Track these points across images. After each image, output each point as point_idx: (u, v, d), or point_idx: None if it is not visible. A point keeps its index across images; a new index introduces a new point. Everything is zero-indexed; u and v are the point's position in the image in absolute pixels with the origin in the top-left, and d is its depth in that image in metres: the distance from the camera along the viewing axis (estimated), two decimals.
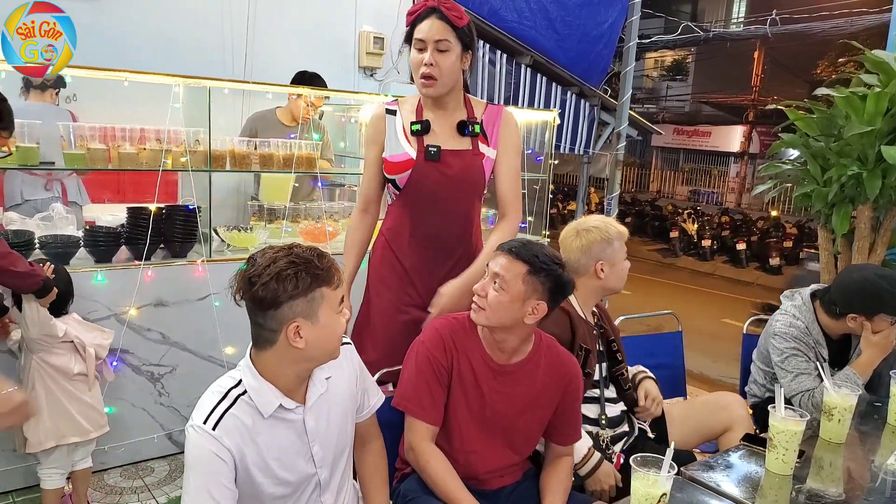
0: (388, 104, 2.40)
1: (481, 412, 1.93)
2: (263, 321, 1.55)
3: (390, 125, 2.35)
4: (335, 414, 1.72)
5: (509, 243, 1.92)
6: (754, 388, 2.85)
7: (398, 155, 2.31)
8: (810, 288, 2.72)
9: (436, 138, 2.31)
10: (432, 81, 2.22)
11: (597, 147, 8.24)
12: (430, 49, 2.18)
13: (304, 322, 1.54)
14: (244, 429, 1.56)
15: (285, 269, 1.50)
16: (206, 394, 1.59)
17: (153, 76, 3.22)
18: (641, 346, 2.97)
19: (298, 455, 1.65)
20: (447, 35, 2.19)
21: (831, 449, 2.11)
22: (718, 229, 13.88)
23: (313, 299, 1.54)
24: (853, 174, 3.01)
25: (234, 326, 3.33)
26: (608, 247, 2.29)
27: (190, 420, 1.55)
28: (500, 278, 1.85)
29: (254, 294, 1.51)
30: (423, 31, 2.19)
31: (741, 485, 1.86)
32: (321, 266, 1.55)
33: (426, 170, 2.28)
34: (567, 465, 2.03)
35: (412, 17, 2.23)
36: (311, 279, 1.52)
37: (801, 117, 3.30)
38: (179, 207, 3.31)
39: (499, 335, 1.90)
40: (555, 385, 1.96)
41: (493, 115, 2.38)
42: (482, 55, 6.60)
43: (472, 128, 2.33)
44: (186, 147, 3.23)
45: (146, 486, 3.09)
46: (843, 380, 2.38)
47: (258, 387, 1.58)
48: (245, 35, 4.73)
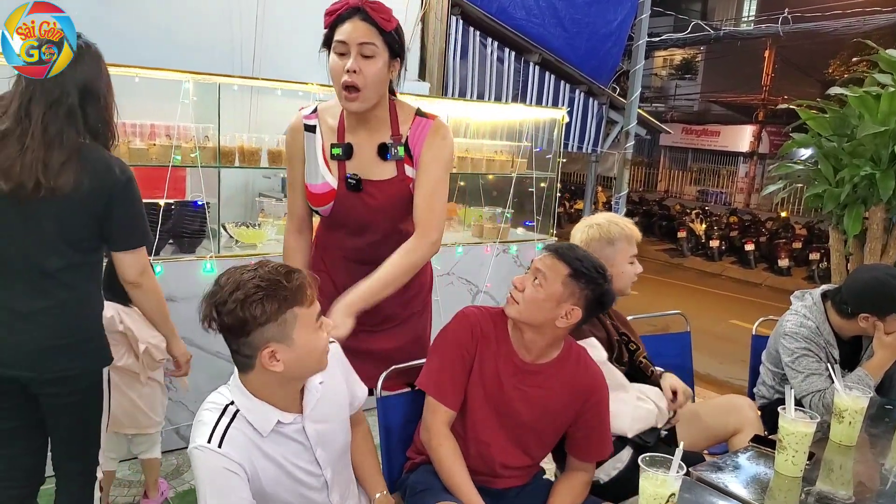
0: (306, 118, 2.11)
1: (498, 406, 1.92)
2: (237, 347, 1.50)
3: (309, 143, 2.09)
4: (333, 415, 1.71)
5: (557, 244, 1.91)
6: (763, 389, 2.84)
7: (318, 185, 2.07)
8: (821, 288, 2.70)
9: (358, 164, 2.06)
10: (356, 94, 1.93)
11: (605, 146, 8.23)
12: (353, 53, 1.90)
13: (279, 345, 1.48)
14: (249, 442, 1.54)
15: (252, 294, 1.43)
16: (202, 412, 1.55)
17: (163, 72, 3.22)
18: (649, 346, 2.92)
19: (304, 461, 1.65)
20: (373, 38, 1.91)
21: (841, 451, 2.09)
22: (727, 230, 13.82)
23: (285, 322, 1.47)
24: (866, 174, 2.99)
25: None
26: (607, 246, 2.26)
27: (192, 443, 1.51)
28: (541, 275, 1.84)
29: (221, 323, 1.46)
30: (345, 32, 1.90)
31: (750, 486, 1.85)
32: (289, 286, 1.47)
33: (349, 201, 2.06)
34: (583, 479, 2.00)
35: (332, 17, 1.94)
36: (278, 303, 1.45)
37: (814, 117, 3.28)
38: (188, 203, 3.32)
39: (527, 334, 1.89)
40: (575, 395, 1.94)
41: (420, 131, 2.07)
42: (490, 52, 6.60)
43: (396, 151, 2.05)
44: (196, 143, 3.24)
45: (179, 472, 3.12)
46: (855, 381, 2.36)
47: (252, 406, 1.55)
48: (254, 31, 4.73)
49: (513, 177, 4.54)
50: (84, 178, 1.84)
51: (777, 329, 2.73)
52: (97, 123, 1.92)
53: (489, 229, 4.50)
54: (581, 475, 2.00)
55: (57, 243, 1.89)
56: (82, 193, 1.85)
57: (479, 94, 6.55)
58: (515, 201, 4.62)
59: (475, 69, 6.52)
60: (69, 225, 1.88)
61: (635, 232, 2.32)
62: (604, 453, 2.03)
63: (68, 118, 1.85)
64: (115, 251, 1.98)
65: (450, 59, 6.26)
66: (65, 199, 1.84)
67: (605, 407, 2.00)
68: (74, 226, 1.89)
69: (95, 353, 2.03)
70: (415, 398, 2.06)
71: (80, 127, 1.88)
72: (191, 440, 1.52)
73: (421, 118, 2.10)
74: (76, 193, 1.84)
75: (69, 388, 1.97)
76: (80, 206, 1.87)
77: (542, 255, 1.90)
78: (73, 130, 1.86)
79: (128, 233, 1.97)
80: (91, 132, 1.91)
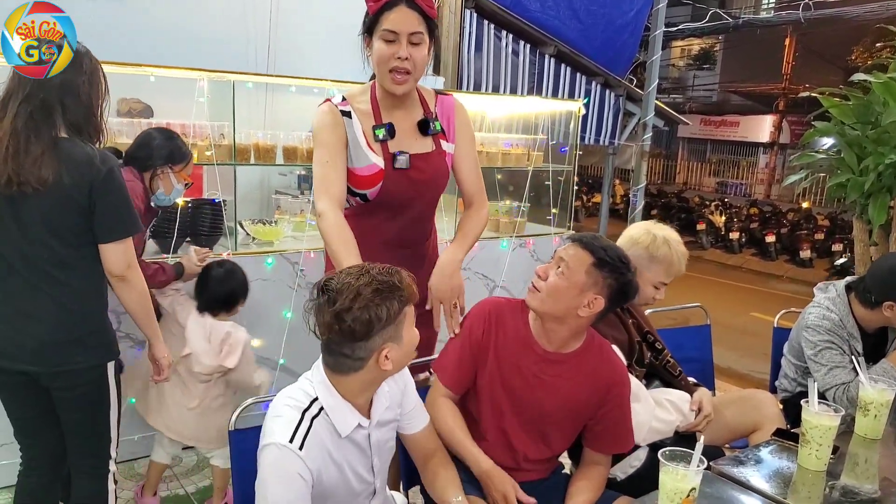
0: (340, 105, 2.13)
1: (517, 392, 1.92)
2: (351, 351, 1.52)
3: (349, 128, 2.12)
4: (391, 425, 1.74)
5: (581, 234, 1.91)
6: (785, 382, 2.80)
7: (366, 168, 2.11)
8: (845, 280, 2.66)
9: (401, 143, 2.14)
10: (406, 77, 2.03)
11: (622, 138, 8.17)
12: (403, 42, 1.99)
13: (393, 345, 1.54)
14: (324, 448, 1.55)
15: (373, 298, 1.48)
16: (281, 408, 1.56)
17: (178, 70, 3.23)
18: (669, 339, 2.90)
19: (362, 468, 1.66)
20: (420, 27, 2.00)
21: (866, 445, 2.06)
22: (747, 221, 13.68)
23: (399, 322, 1.54)
24: (891, 163, 2.93)
25: (259, 319, 3.34)
26: (646, 259, 2.23)
27: (269, 436, 1.51)
28: (564, 264, 1.84)
29: (344, 329, 1.48)
30: (396, 22, 1.97)
31: (772, 480, 1.82)
32: (403, 286, 1.54)
33: (397, 179, 2.12)
34: (600, 474, 1.99)
35: (378, 3, 1.99)
36: (398, 303, 1.52)
37: (837, 104, 3.22)
38: (205, 201, 3.33)
39: (549, 324, 1.89)
40: (595, 388, 1.93)
41: (447, 108, 2.24)
42: (505, 45, 6.56)
43: (434, 126, 2.18)
44: (211, 141, 3.24)
45: (175, 476, 3.12)
46: (880, 374, 2.32)
47: (338, 406, 1.57)
48: (268, 28, 4.74)
49: (529, 170, 4.51)
50: (63, 171, 1.86)
51: (799, 322, 2.69)
52: (78, 119, 1.93)
53: (505, 223, 4.47)
54: (598, 469, 1.99)
55: (46, 238, 1.91)
56: (64, 187, 1.87)
57: (495, 87, 6.52)
58: (532, 195, 4.59)
59: (490, 62, 6.49)
60: (56, 220, 1.91)
61: (680, 265, 2.28)
62: (625, 447, 2.01)
63: (43, 113, 1.87)
64: (101, 243, 1.98)
65: (464, 53, 6.24)
66: (48, 193, 1.86)
67: (627, 400, 1.99)
68: (61, 220, 1.91)
69: (97, 348, 2.05)
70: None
71: (57, 122, 1.90)
72: (267, 433, 1.53)
73: (442, 96, 2.25)
74: (58, 188, 1.86)
75: (73, 383, 2.01)
76: (64, 200, 1.89)
77: (565, 244, 1.90)
78: (48, 126, 1.88)
79: (111, 224, 1.97)
80: (73, 127, 1.93)
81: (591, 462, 2.00)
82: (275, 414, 1.55)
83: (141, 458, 3.20)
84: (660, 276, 2.26)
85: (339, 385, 1.58)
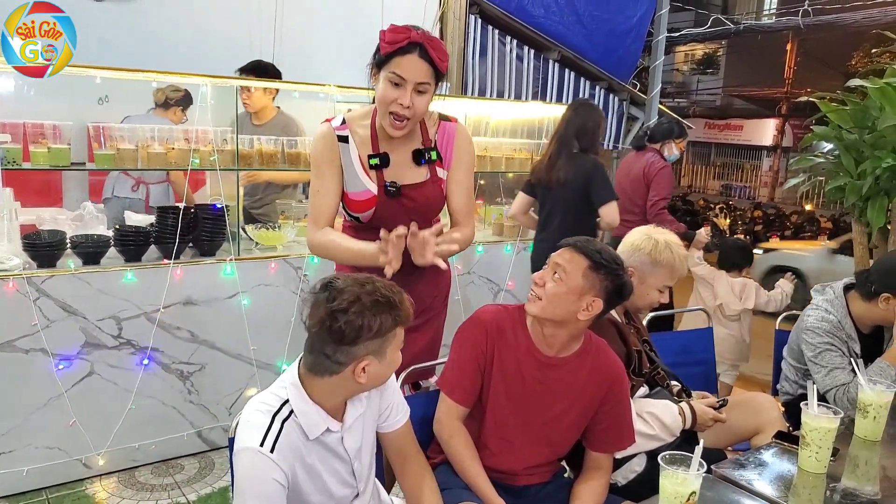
0: (337, 129, 2.18)
1: (520, 401, 1.93)
2: (332, 353, 1.52)
3: (344, 153, 2.17)
4: (368, 428, 1.74)
5: (573, 238, 1.92)
6: (786, 385, 2.80)
7: (359, 193, 2.17)
8: (843, 281, 2.67)
9: (394, 172, 2.17)
10: (405, 123, 2.06)
11: (626, 142, 8.16)
12: (408, 90, 2.00)
13: (373, 360, 1.54)
14: (296, 450, 1.56)
15: (371, 308, 1.49)
16: (252, 412, 1.57)
17: (181, 76, 3.25)
18: (672, 342, 2.94)
19: (342, 472, 1.67)
20: (429, 78, 2.02)
21: (866, 447, 2.06)
22: (751, 224, 13.66)
23: (387, 339, 1.54)
24: (888, 166, 2.95)
25: (262, 325, 3.36)
26: (649, 264, 2.23)
27: (241, 441, 1.53)
28: (561, 269, 1.86)
29: (333, 328, 1.49)
30: (406, 69, 1.99)
31: (773, 483, 1.83)
32: (401, 307, 1.55)
33: (389, 205, 2.17)
34: (603, 480, 1.99)
35: (391, 47, 1.99)
36: (392, 320, 1.53)
37: (834, 109, 3.24)
38: (207, 207, 3.34)
39: (548, 329, 1.90)
40: (597, 387, 1.94)
41: (448, 135, 2.25)
42: (509, 51, 6.57)
43: (429, 155, 2.20)
44: (214, 146, 3.25)
45: (176, 484, 3.12)
46: (877, 374, 2.32)
47: (306, 409, 1.57)
48: (273, 34, 4.76)
49: None
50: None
51: (798, 324, 2.69)
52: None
53: (509, 227, 4.48)
54: (600, 474, 1.99)
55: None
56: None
57: (499, 92, 6.53)
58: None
59: (494, 68, 6.49)
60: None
61: (683, 268, 2.29)
62: (625, 444, 2.01)
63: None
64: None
65: (469, 58, 6.24)
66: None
67: (626, 396, 2.01)
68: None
69: None
70: (433, 399, 2.06)
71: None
72: (239, 439, 1.54)
73: (445, 122, 2.26)
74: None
75: None
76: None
77: (559, 250, 1.92)
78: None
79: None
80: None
81: (594, 467, 2.00)
82: (246, 419, 1.56)
83: (142, 465, 3.22)
84: (664, 279, 2.27)
85: (310, 387, 1.58)
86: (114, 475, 3.13)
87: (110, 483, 3.08)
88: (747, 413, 2.43)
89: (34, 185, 4.13)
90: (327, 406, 1.60)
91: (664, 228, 2.38)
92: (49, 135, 2.88)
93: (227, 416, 3.32)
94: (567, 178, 3.59)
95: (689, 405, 2.16)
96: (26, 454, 2.92)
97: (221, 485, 3.11)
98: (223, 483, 3.12)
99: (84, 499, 2.96)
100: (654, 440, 2.12)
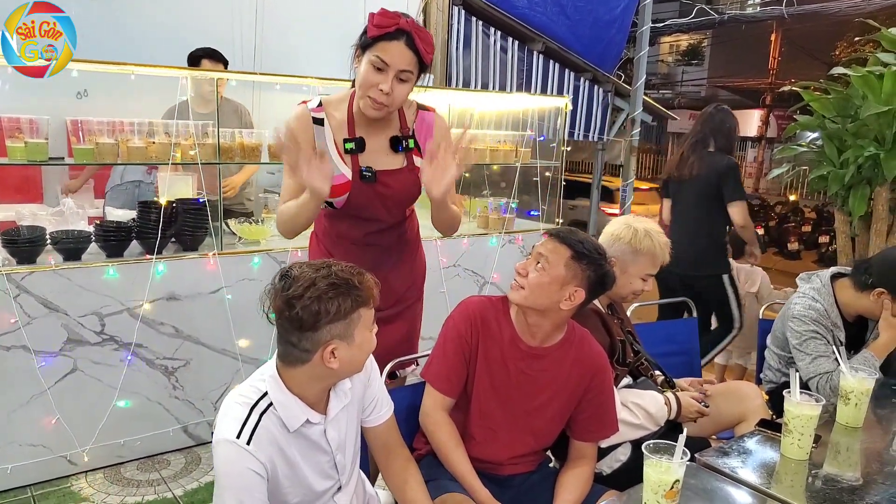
0: (313, 110, 2.14)
1: (505, 392, 1.94)
2: (297, 341, 1.52)
3: (319, 135, 2.12)
4: (352, 421, 1.73)
5: (556, 228, 1.94)
6: (769, 373, 2.82)
7: (334, 177, 2.08)
8: (831, 270, 2.68)
9: (370, 158, 2.14)
10: (383, 108, 2.03)
11: (611, 133, 8.18)
12: (390, 76, 1.97)
13: (341, 343, 1.52)
14: (275, 441, 1.55)
15: (326, 291, 1.48)
16: (231, 405, 1.56)
17: (160, 69, 3.21)
18: (657, 332, 2.95)
19: (324, 464, 1.66)
20: (412, 67, 1.99)
21: (848, 433, 2.08)
22: None
23: (351, 321, 1.52)
24: (870, 155, 2.96)
25: (246, 319, 3.34)
26: (630, 253, 2.24)
27: (218, 433, 1.52)
28: (544, 259, 1.87)
29: (292, 316, 1.48)
30: (390, 55, 1.96)
31: (757, 471, 1.83)
32: (361, 287, 1.53)
33: (364, 191, 2.13)
34: (588, 469, 2.00)
35: (378, 31, 1.96)
36: (352, 302, 1.50)
37: (817, 98, 3.25)
38: (189, 201, 3.31)
39: (532, 318, 1.90)
40: (581, 377, 1.96)
41: (427, 124, 2.22)
42: (493, 42, 6.56)
43: (406, 143, 2.18)
44: (195, 140, 3.22)
45: (163, 479, 3.11)
46: (861, 363, 2.34)
47: (285, 401, 1.57)
48: (254, 27, 4.73)
49: (517, 166, 4.52)
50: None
51: (784, 312, 2.71)
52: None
53: (494, 220, 4.48)
54: (585, 463, 2.00)
55: None
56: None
57: (483, 84, 6.52)
58: (521, 191, 4.60)
59: (478, 59, 6.48)
60: None
61: (664, 255, 2.29)
62: (608, 433, 2.03)
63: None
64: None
65: (453, 50, 6.23)
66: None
67: (610, 386, 2.02)
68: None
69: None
70: (417, 391, 2.06)
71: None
72: (217, 432, 1.53)
73: (423, 111, 2.23)
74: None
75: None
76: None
77: (542, 239, 1.92)
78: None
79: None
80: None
81: (579, 456, 2.01)
82: (224, 412, 1.56)
83: (127, 461, 3.20)
84: (646, 267, 2.27)
85: (288, 378, 1.58)
86: (99, 471, 3.11)
87: (96, 479, 3.06)
88: (731, 401, 2.45)
89: (13, 181, 4.09)
90: (307, 397, 1.59)
91: (641, 217, 2.38)
92: (26, 129, 2.83)
93: (212, 412, 3.30)
94: (699, 173, 3.73)
95: (674, 395, 2.18)
96: (10, 452, 2.90)
97: (207, 479, 3.10)
98: (209, 478, 3.11)
99: (69, 495, 2.94)
100: (639, 429, 2.14)
